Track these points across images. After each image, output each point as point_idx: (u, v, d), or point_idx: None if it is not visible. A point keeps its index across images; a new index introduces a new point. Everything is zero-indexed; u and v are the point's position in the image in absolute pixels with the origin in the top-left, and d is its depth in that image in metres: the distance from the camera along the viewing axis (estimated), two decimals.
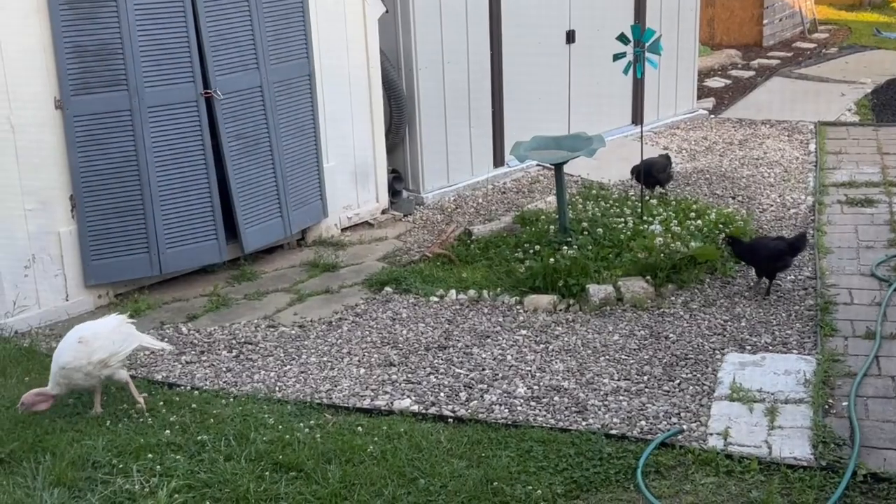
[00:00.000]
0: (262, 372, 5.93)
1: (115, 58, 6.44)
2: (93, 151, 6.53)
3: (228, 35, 6.96)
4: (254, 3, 7.04)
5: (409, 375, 5.81)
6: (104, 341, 5.19)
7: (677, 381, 5.61)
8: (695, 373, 5.69)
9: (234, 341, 6.33)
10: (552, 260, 6.84)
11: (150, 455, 4.90)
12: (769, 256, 6.59)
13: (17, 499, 4.56)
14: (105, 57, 6.42)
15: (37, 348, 6.18)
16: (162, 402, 5.46)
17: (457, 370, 5.85)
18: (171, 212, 6.85)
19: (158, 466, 4.82)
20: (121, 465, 4.83)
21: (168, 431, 5.13)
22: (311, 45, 7.52)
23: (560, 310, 6.61)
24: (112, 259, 6.73)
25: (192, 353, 6.18)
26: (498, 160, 9.31)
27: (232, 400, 5.52)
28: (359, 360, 6.03)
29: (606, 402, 5.41)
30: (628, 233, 7.31)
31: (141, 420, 5.28)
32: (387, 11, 8.15)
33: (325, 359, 6.07)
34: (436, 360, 5.98)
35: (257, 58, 7.14)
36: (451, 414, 5.35)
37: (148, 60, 6.57)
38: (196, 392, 5.63)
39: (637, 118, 10.36)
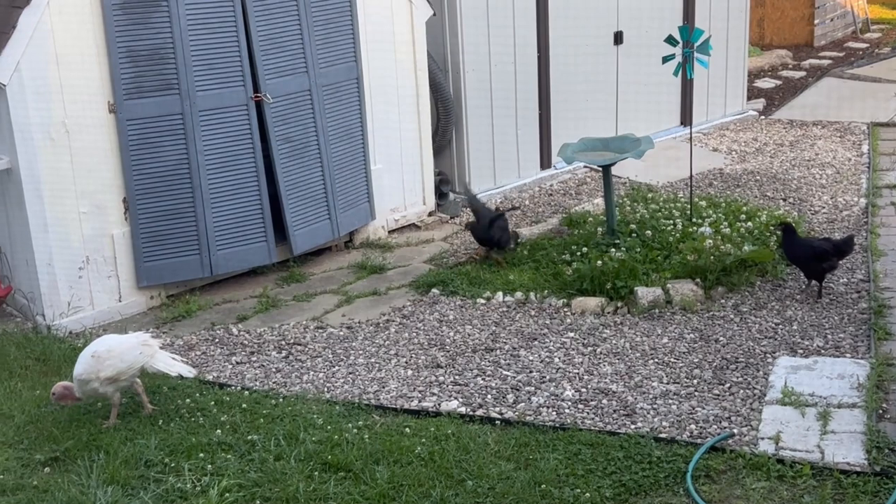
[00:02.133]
0: (311, 373, 5.97)
1: (167, 62, 6.54)
2: (145, 154, 6.63)
3: (278, 39, 7.04)
4: (303, 8, 7.10)
5: (457, 377, 5.82)
6: (115, 360, 5.19)
7: (727, 385, 5.55)
8: (745, 376, 5.63)
9: (283, 342, 6.38)
10: (600, 262, 6.80)
11: (201, 454, 4.97)
12: (814, 256, 6.51)
13: (72, 496, 4.65)
14: (157, 61, 6.52)
15: None
16: (213, 402, 5.52)
17: (504, 372, 5.85)
18: (222, 214, 6.94)
19: (210, 465, 4.88)
20: (173, 464, 4.90)
21: (219, 431, 5.20)
22: (359, 49, 7.57)
23: (608, 312, 6.57)
24: (164, 261, 6.83)
25: (243, 353, 6.25)
26: (545, 162, 9.29)
27: (281, 400, 5.58)
28: (406, 362, 6.06)
29: (655, 406, 5.37)
30: (677, 235, 7.24)
31: (192, 419, 5.35)
32: (434, 14, 8.17)
33: (372, 360, 6.10)
34: (483, 362, 5.99)
35: (306, 61, 7.20)
36: (499, 416, 5.35)
37: (199, 64, 6.66)
38: (246, 392, 5.69)
39: (686, 119, 10.27)
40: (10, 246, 6.67)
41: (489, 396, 5.58)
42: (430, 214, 8.50)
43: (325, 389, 5.76)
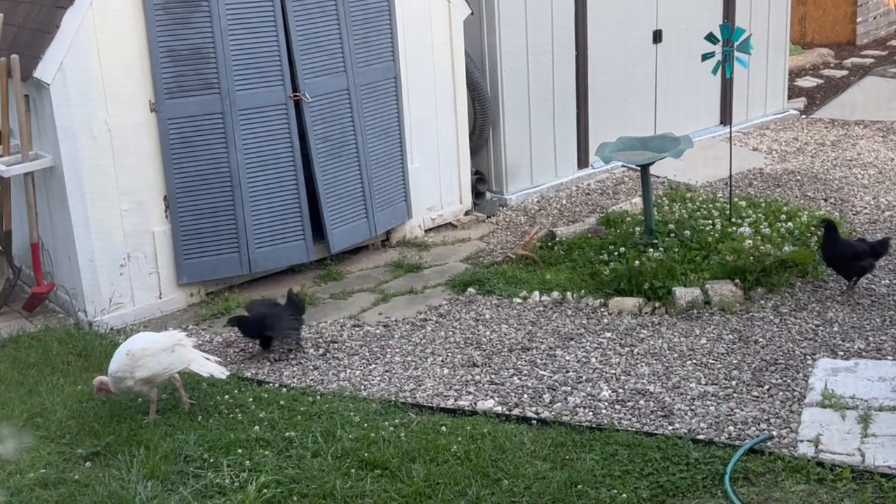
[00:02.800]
0: (348, 370, 6.00)
1: (207, 61, 6.60)
2: (186, 153, 6.70)
3: (316, 39, 7.07)
4: (341, 8, 7.13)
5: (493, 376, 5.82)
6: (150, 360, 5.22)
7: (767, 387, 5.50)
8: (785, 378, 5.57)
9: (320, 340, 6.42)
10: (637, 262, 6.76)
11: (239, 450, 5.02)
12: (851, 255, 6.44)
13: (113, 490, 4.71)
14: (198, 61, 6.58)
15: None
16: (251, 399, 5.57)
17: (540, 372, 5.84)
18: (261, 212, 6.99)
19: (248, 461, 4.93)
20: (211, 460, 4.95)
21: (257, 427, 5.24)
22: (396, 49, 7.59)
23: (645, 312, 6.53)
24: (204, 258, 6.90)
25: (280, 350, 6.29)
26: (582, 161, 9.26)
27: (318, 398, 5.61)
28: (442, 361, 6.07)
29: (693, 407, 5.33)
30: (716, 235, 7.18)
31: (231, 416, 5.40)
32: (472, 13, 8.17)
33: (409, 358, 6.12)
34: (519, 362, 5.98)
35: (344, 61, 7.24)
36: (535, 416, 5.34)
37: (239, 64, 6.71)
38: (284, 389, 5.73)
39: (725, 118, 10.18)
40: (53, 243, 6.77)
41: (525, 396, 5.57)
42: (466, 213, 8.50)
43: (362, 387, 5.78)
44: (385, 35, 7.50)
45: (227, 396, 5.61)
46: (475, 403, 5.51)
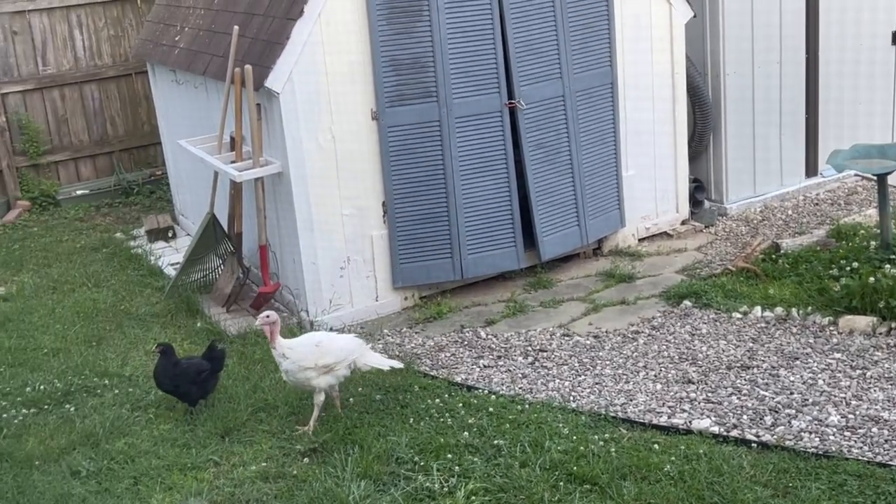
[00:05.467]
0: (557, 380, 5.93)
1: (427, 70, 6.71)
2: (404, 160, 6.84)
3: (533, 46, 7.04)
4: (559, 14, 7.07)
5: (709, 394, 5.57)
6: (335, 350, 5.44)
7: None
8: None
9: (529, 348, 6.38)
10: (872, 278, 6.30)
11: (449, 455, 5.05)
12: None
13: (328, 488, 4.85)
14: (418, 69, 6.71)
15: None
16: (461, 405, 5.60)
17: (761, 392, 5.54)
18: (474, 219, 7.04)
19: (457, 467, 4.95)
20: (422, 463, 5.01)
21: (466, 433, 5.26)
22: (614, 53, 7.44)
23: (880, 333, 6.07)
24: (418, 263, 7.02)
25: (490, 357, 6.30)
26: (811, 170, 8.75)
27: (527, 406, 5.56)
28: (655, 375, 5.88)
29: None
30: None
31: (441, 420, 5.45)
32: (695, 16, 7.90)
33: (619, 371, 5.97)
34: (738, 381, 5.70)
35: (560, 67, 7.17)
36: (755, 438, 5.06)
37: (457, 72, 6.78)
38: (493, 396, 5.72)
39: None
40: (279, 245, 7.10)
41: (745, 417, 5.30)
42: (683, 223, 8.23)
43: (571, 398, 5.69)
44: (603, 40, 7.37)
45: (437, 400, 5.67)
46: (690, 422, 5.29)
